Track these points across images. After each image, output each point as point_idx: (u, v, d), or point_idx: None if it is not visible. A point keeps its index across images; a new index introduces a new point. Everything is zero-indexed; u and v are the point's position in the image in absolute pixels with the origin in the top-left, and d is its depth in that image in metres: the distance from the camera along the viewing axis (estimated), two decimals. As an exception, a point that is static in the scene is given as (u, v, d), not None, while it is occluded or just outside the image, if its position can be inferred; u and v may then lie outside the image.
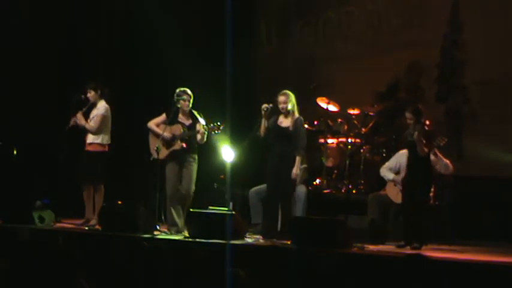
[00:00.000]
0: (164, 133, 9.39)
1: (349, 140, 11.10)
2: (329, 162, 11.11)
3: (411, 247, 8.41)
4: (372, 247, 8.38)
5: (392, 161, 9.56)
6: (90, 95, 10.06)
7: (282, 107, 9.12)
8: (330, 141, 11.19)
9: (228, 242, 8.12)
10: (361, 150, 11.03)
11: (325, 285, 7.07)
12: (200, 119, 9.45)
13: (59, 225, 10.01)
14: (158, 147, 9.30)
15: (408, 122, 8.78)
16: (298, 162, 9.01)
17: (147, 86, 12.22)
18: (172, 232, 9.23)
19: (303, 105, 9.37)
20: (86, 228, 9.80)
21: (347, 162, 10.90)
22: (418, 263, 4.86)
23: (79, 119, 10.00)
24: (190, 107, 9.53)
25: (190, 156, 9.47)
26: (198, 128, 9.38)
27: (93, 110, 10.08)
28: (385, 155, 10.67)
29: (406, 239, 8.57)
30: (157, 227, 9.38)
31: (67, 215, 10.38)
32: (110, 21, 12.75)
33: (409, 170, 8.84)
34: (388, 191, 9.45)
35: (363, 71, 11.62)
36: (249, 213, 9.94)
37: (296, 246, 8.23)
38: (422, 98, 11.18)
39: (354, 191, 10.78)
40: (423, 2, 11.45)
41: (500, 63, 10.53)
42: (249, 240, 8.82)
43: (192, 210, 9.20)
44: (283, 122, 9.15)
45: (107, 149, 10.05)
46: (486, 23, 10.63)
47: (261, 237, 9.02)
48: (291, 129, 9.06)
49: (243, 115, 10.32)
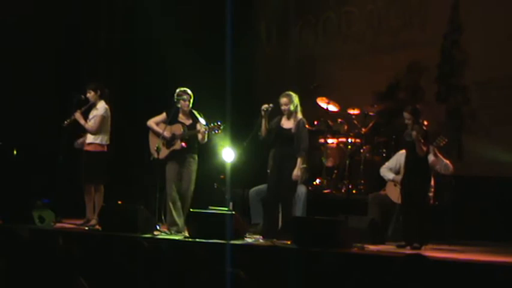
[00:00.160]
0: (164, 132, 9.39)
1: (349, 140, 11.11)
2: (329, 162, 11.11)
3: (411, 247, 8.41)
4: (372, 247, 8.38)
5: (392, 161, 9.56)
6: (90, 95, 10.06)
7: (283, 109, 9.08)
8: (330, 141, 11.20)
9: (228, 242, 8.12)
10: (361, 150, 11.03)
11: (325, 285, 7.07)
12: (200, 119, 9.45)
13: (59, 225, 10.01)
14: (158, 147, 9.29)
15: (406, 122, 8.78)
16: (300, 163, 8.99)
17: (147, 86, 12.22)
18: (172, 232, 9.23)
19: (303, 105, 9.36)
20: (86, 228, 9.79)
21: (347, 162, 10.90)
22: (418, 263, 4.86)
23: (78, 118, 10.00)
24: (191, 107, 9.53)
25: (191, 156, 9.46)
26: (199, 128, 9.38)
27: (92, 110, 10.08)
28: (385, 155, 10.68)
29: (406, 239, 8.57)
30: (157, 227, 9.38)
31: (67, 215, 10.37)
32: (110, 21, 12.74)
33: (408, 170, 8.84)
34: (388, 191, 9.45)
35: (363, 71, 11.62)
36: (249, 213, 9.94)
37: (296, 246, 8.23)
38: (422, 98, 11.19)
39: (354, 191, 10.79)
40: (423, 2, 11.45)
41: (500, 63, 10.53)
42: (249, 240, 8.81)
43: (192, 210, 9.20)
44: (286, 124, 9.12)
45: (106, 149, 10.05)
46: (486, 23, 10.63)
47: (261, 237, 9.02)
48: (293, 131, 9.03)
49: (243, 115, 10.31)
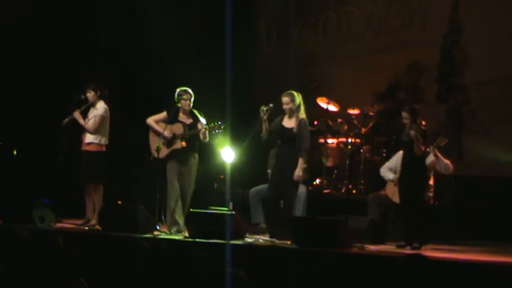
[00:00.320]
0: (165, 132, 9.39)
1: (349, 140, 11.11)
2: (329, 162, 11.11)
3: (411, 247, 8.41)
4: (372, 247, 8.38)
5: (392, 161, 9.55)
6: (90, 95, 10.05)
7: (285, 108, 9.06)
8: (330, 141, 11.20)
9: (228, 242, 8.12)
10: (361, 150, 11.03)
11: (325, 285, 7.07)
12: (201, 119, 9.45)
13: (59, 225, 10.01)
14: (158, 147, 9.29)
15: (404, 121, 8.78)
16: (301, 163, 8.98)
17: (147, 86, 12.22)
18: (172, 232, 9.23)
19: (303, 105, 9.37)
20: (86, 228, 9.79)
21: (347, 162, 10.90)
22: (418, 263, 4.85)
23: (77, 118, 10.00)
24: (191, 106, 9.53)
25: (191, 155, 9.47)
26: (200, 128, 9.38)
27: (91, 110, 10.08)
28: (385, 155, 10.68)
29: (406, 239, 8.57)
30: (158, 227, 9.38)
31: (67, 215, 10.37)
32: (110, 21, 12.74)
33: (405, 170, 8.84)
34: (388, 191, 9.44)
35: (363, 71, 11.63)
36: (249, 213, 9.94)
37: (296, 246, 8.23)
38: (422, 98, 11.19)
39: (354, 191, 10.79)
40: (423, 2, 11.45)
41: (500, 63, 10.53)
42: (249, 240, 8.81)
43: (192, 210, 9.20)
44: (287, 123, 9.10)
45: (105, 149, 10.05)
46: (486, 23, 10.63)
47: (261, 237, 9.02)
48: (295, 130, 9.01)
49: (243, 115, 10.31)
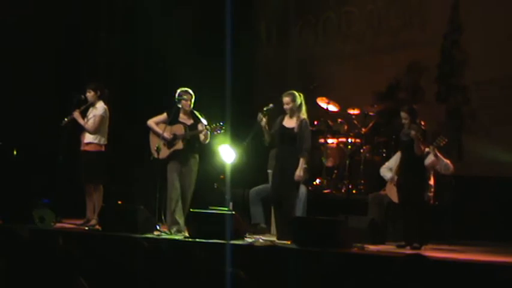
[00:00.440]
0: (165, 133, 9.39)
1: (349, 140, 11.11)
2: (329, 162, 11.11)
3: (411, 247, 8.41)
4: (372, 247, 8.38)
5: (392, 161, 9.54)
6: (90, 95, 10.05)
7: (285, 108, 9.06)
8: (330, 141, 11.19)
9: (228, 242, 8.12)
10: (361, 150, 11.03)
11: (325, 285, 7.07)
12: (202, 119, 9.46)
13: (59, 225, 10.01)
14: (158, 147, 9.29)
15: (403, 121, 8.78)
16: (302, 164, 8.97)
17: (147, 86, 12.22)
18: (172, 232, 9.23)
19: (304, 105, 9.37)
20: (86, 228, 9.79)
21: (347, 162, 10.90)
22: (418, 263, 4.86)
23: (77, 118, 10.00)
24: (192, 107, 9.54)
25: (192, 156, 9.47)
26: (201, 128, 9.38)
27: (91, 110, 10.07)
28: (385, 155, 10.68)
29: (406, 239, 8.57)
30: (157, 227, 9.38)
31: (67, 215, 10.37)
32: (110, 21, 12.74)
33: (404, 170, 8.82)
34: (388, 191, 9.44)
35: (363, 71, 11.63)
36: (249, 213, 9.94)
37: (296, 246, 8.23)
38: (422, 98, 11.19)
39: (354, 191, 10.79)
40: (423, 2, 11.45)
41: (500, 63, 10.53)
42: (249, 240, 8.81)
43: (192, 210, 9.20)
44: (288, 123, 9.10)
45: (104, 149, 10.05)
46: (486, 23, 10.63)
47: (261, 237, 9.02)
48: (295, 130, 9.01)
49: (243, 115, 10.31)
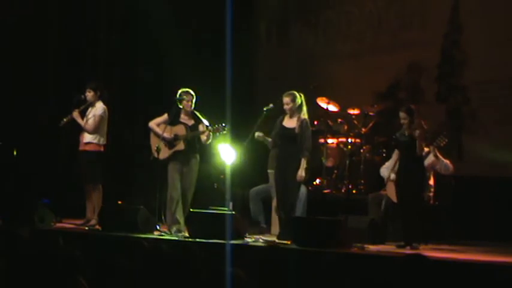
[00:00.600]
0: (165, 133, 9.40)
1: (349, 140, 11.10)
2: (329, 162, 11.10)
3: (411, 247, 8.41)
4: (372, 247, 8.38)
5: (392, 160, 9.54)
6: (90, 95, 10.05)
7: (285, 108, 9.07)
8: (330, 141, 11.19)
9: (228, 242, 8.12)
10: (361, 150, 11.03)
11: (325, 285, 7.07)
12: (204, 120, 9.47)
13: (59, 225, 10.02)
14: (158, 147, 9.30)
15: (402, 121, 8.78)
16: (304, 164, 8.98)
17: (147, 86, 12.23)
18: (172, 232, 9.23)
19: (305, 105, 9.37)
20: (86, 228, 9.80)
21: (347, 162, 10.90)
22: (418, 263, 4.86)
23: (76, 118, 10.00)
24: (193, 107, 9.55)
25: (193, 156, 9.48)
26: (202, 129, 9.40)
27: (90, 110, 10.07)
28: (385, 155, 10.67)
29: (406, 239, 8.57)
30: (158, 227, 9.38)
31: (67, 215, 10.38)
32: (110, 21, 12.74)
33: (404, 170, 8.80)
34: (388, 191, 9.43)
35: (363, 71, 11.62)
36: (249, 213, 9.95)
37: (296, 246, 8.23)
38: (422, 98, 11.18)
39: (354, 191, 10.79)
40: (423, 2, 11.44)
41: (500, 63, 10.52)
42: (249, 240, 8.81)
43: (192, 210, 9.20)
44: (288, 123, 9.10)
45: (103, 149, 10.06)
46: (486, 23, 10.62)
47: (261, 237, 9.02)
48: (296, 131, 9.02)
49: (243, 115, 10.31)
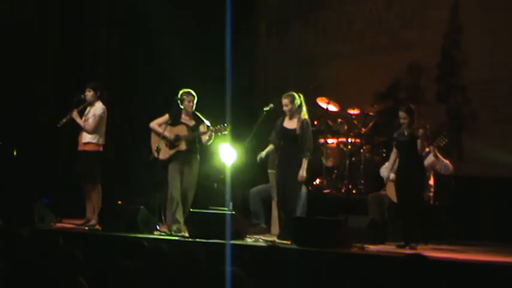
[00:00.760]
0: (166, 133, 9.41)
1: (349, 140, 11.10)
2: (329, 162, 11.10)
3: (410, 247, 8.41)
4: (372, 247, 8.37)
5: (391, 160, 9.53)
6: (89, 94, 10.04)
7: (284, 109, 9.10)
8: (330, 141, 11.19)
9: (228, 242, 8.13)
10: (361, 150, 11.03)
11: (325, 285, 7.07)
12: (205, 121, 9.49)
13: (59, 225, 10.02)
14: (158, 147, 9.30)
15: (402, 121, 8.78)
16: (305, 164, 8.99)
17: (147, 86, 12.22)
18: (172, 231, 9.24)
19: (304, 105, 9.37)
20: (86, 228, 9.80)
21: (347, 162, 10.89)
22: (418, 263, 4.86)
23: (75, 117, 9.99)
24: (194, 108, 9.56)
25: (193, 156, 9.49)
26: (203, 129, 9.42)
27: (89, 110, 10.06)
28: (385, 155, 10.66)
29: (406, 239, 8.57)
30: (157, 227, 9.38)
31: (67, 215, 10.38)
32: (110, 21, 12.74)
33: (404, 170, 8.80)
34: (388, 191, 9.43)
35: (363, 71, 11.61)
36: (249, 213, 9.95)
37: (296, 246, 8.23)
38: (422, 98, 11.18)
39: (354, 191, 10.79)
40: (423, 2, 11.44)
41: (500, 63, 10.52)
42: (249, 240, 8.81)
43: (192, 210, 9.21)
44: (288, 124, 9.13)
45: (102, 149, 10.06)
46: (486, 23, 10.62)
47: (261, 237, 9.02)
48: (297, 132, 9.04)
49: (243, 115, 10.32)
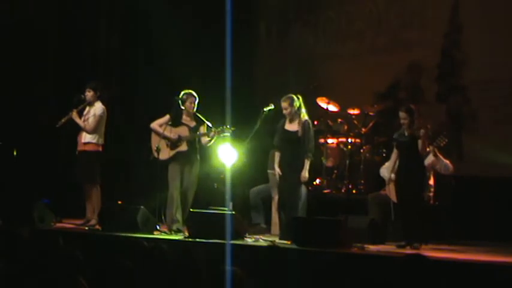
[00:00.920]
0: (167, 133, 9.42)
1: (349, 140, 11.09)
2: (329, 162, 11.10)
3: (411, 247, 8.41)
4: (372, 247, 8.37)
5: (391, 161, 9.53)
6: (89, 94, 10.04)
7: (284, 113, 9.18)
8: (330, 141, 11.18)
9: (228, 242, 8.13)
10: (361, 150, 11.02)
11: (325, 285, 7.07)
12: (207, 122, 9.50)
13: (59, 225, 10.02)
14: (158, 147, 9.31)
15: (402, 121, 8.77)
16: (307, 165, 9.04)
17: (147, 86, 12.22)
18: (172, 230, 9.24)
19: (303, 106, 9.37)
20: (86, 228, 9.80)
21: (347, 162, 10.89)
22: (418, 263, 4.86)
23: (74, 117, 9.99)
24: (195, 109, 9.57)
25: (193, 157, 9.51)
26: (203, 130, 9.44)
27: (88, 110, 10.05)
28: (385, 155, 10.66)
29: (406, 239, 8.57)
30: (157, 227, 9.39)
31: (67, 215, 10.38)
32: (110, 21, 12.75)
33: (404, 170, 8.80)
34: (388, 191, 9.43)
35: (363, 71, 11.61)
36: (249, 213, 9.95)
37: (296, 246, 8.23)
38: (422, 98, 11.18)
39: (354, 191, 10.78)
40: (423, 2, 11.43)
41: (500, 63, 10.51)
42: (249, 240, 8.81)
43: (192, 210, 9.21)
44: (289, 126, 9.20)
45: (101, 149, 10.06)
46: (486, 23, 10.61)
47: (261, 237, 9.02)
48: (299, 134, 9.09)
49: (243, 115, 10.31)
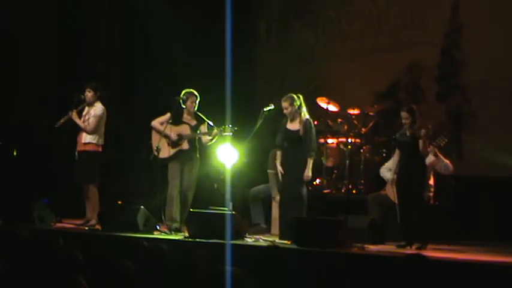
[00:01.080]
0: (167, 132, 9.43)
1: (349, 140, 11.10)
2: (329, 162, 11.10)
3: (414, 247, 8.40)
4: (372, 247, 8.37)
5: (391, 161, 9.53)
6: (89, 95, 10.04)
7: (285, 112, 9.18)
8: (330, 141, 11.19)
9: (228, 242, 8.13)
10: (361, 150, 11.02)
11: (325, 285, 7.06)
12: (208, 121, 9.51)
13: (59, 225, 10.02)
14: (158, 147, 9.32)
15: (404, 121, 8.77)
16: (310, 164, 9.04)
17: (147, 86, 12.23)
18: (172, 230, 9.25)
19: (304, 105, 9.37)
20: (86, 228, 9.80)
21: (347, 162, 10.90)
22: (418, 263, 4.86)
23: (74, 118, 9.99)
24: (196, 108, 9.58)
25: (194, 156, 9.52)
26: (204, 129, 9.43)
27: (87, 110, 10.05)
28: (385, 155, 10.67)
29: (406, 239, 8.56)
30: (157, 227, 9.39)
31: (67, 215, 10.38)
32: (110, 21, 12.75)
33: (404, 170, 8.80)
34: (388, 191, 9.43)
35: (363, 71, 11.61)
36: (249, 213, 9.95)
37: (296, 246, 8.23)
38: (422, 98, 11.18)
39: (354, 191, 10.79)
40: (423, 2, 11.44)
41: (500, 63, 10.51)
42: (249, 240, 8.82)
43: (192, 210, 9.21)
44: (291, 126, 9.20)
45: (101, 149, 10.06)
46: (486, 23, 10.61)
47: (261, 237, 9.03)
48: (301, 133, 9.10)
49: (243, 115, 10.31)
